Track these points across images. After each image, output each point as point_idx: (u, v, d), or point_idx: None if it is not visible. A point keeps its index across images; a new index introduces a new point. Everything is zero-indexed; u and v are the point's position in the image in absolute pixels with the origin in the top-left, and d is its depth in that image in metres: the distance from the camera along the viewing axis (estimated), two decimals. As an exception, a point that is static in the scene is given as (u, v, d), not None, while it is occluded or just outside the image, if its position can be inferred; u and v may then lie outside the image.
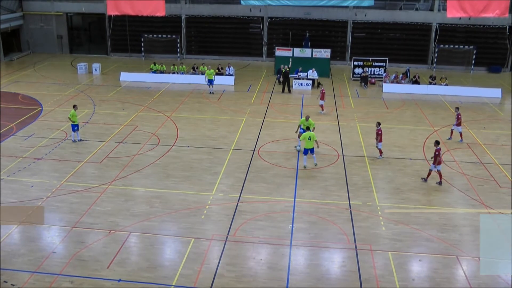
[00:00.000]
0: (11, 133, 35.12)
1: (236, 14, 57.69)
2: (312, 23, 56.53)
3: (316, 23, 56.53)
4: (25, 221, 23.62)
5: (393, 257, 20.47)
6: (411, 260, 20.56)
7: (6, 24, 59.80)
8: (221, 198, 25.48)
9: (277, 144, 32.55)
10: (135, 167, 29.39)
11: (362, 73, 48.56)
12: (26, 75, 52.70)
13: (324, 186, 26.71)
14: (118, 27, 61.44)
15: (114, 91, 46.20)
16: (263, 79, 50.20)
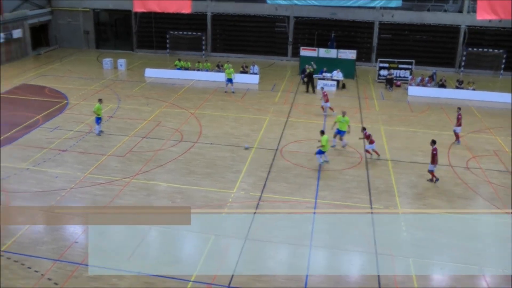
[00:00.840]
0: (37, 124, 35.57)
1: (261, 13, 57.58)
2: (338, 24, 56.19)
3: (342, 24, 56.17)
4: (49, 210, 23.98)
5: (414, 264, 20.28)
6: (433, 268, 20.31)
7: (35, 19, 60.66)
8: (242, 196, 25.53)
9: (300, 144, 32.51)
10: (158, 162, 29.59)
11: (387, 75, 48.22)
12: (53, 69, 53.21)
13: (345, 188, 26.63)
14: (144, 24, 61.68)
15: (138, 87, 46.46)
16: (287, 78, 50.08)
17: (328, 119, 37.23)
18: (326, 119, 37.98)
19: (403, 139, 33.75)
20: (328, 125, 34.86)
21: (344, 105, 40.79)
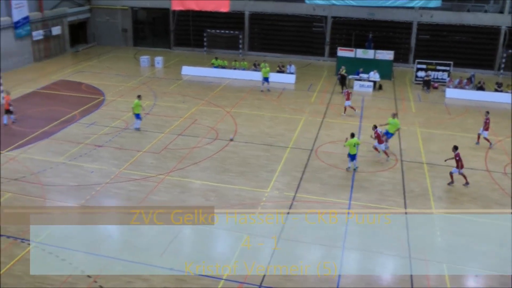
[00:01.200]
0: (74, 120, 36.10)
1: (299, 13, 57.42)
2: (376, 24, 55.72)
3: (380, 24, 55.66)
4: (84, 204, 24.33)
5: (448, 270, 20.01)
6: (467, 275, 20.03)
7: (74, 17, 61.75)
8: (276, 196, 25.54)
9: (335, 145, 32.36)
10: (193, 160, 29.78)
11: (425, 76, 47.70)
12: (91, 65, 53.92)
13: (380, 191, 26.44)
14: (182, 22, 62.08)
15: (175, 84, 46.78)
16: (324, 79, 49.89)
17: (351, 119, 37.17)
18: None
19: (440, 142, 33.33)
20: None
21: (380, 106, 40.59)
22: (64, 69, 51.76)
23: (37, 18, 54.54)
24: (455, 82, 46.44)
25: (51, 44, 57.71)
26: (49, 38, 56.83)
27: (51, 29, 56.69)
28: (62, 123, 35.58)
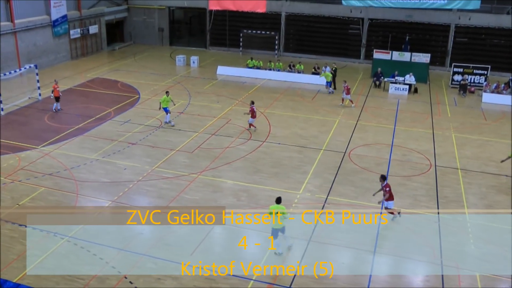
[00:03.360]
0: (109, 117, 36.46)
1: (336, 14, 57.18)
2: (413, 26, 55.15)
3: (417, 26, 55.10)
4: (116, 200, 24.57)
5: (481, 279, 19.60)
6: (500, 286, 19.62)
7: (112, 16, 62.69)
8: (308, 198, 25.44)
9: (369, 148, 32.12)
10: (225, 160, 29.83)
11: (461, 80, 47.03)
12: (126, 64, 54.46)
13: (413, 196, 26.13)
14: (218, 22, 62.37)
15: (210, 84, 46.95)
16: (359, 81, 49.58)
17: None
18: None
19: (475, 148, 32.83)
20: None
21: (415, 110, 40.17)
22: (100, 67, 52.38)
23: (75, 17, 55.54)
24: (492, 87, 45.68)
25: (88, 43, 58.63)
26: (86, 37, 57.76)
27: (89, 27, 57.67)
28: (97, 120, 35.98)
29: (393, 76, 46.75)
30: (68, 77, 48.13)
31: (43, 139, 32.13)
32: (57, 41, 53.29)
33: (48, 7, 51.01)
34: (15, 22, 47.09)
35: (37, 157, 29.78)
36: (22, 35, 48.23)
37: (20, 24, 47.79)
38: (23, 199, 24.84)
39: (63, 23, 53.17)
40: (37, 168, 28.39)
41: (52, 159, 29.62)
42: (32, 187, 26.15)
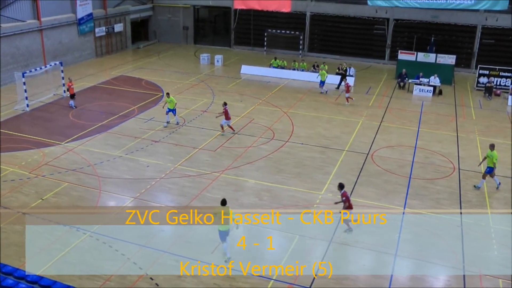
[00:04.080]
0: (133, 115, 36.69)
1: (361, 15, 56.86)
2: (439, 27, 54.57)
3: (442, 27, 54.50)
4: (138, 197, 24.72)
5: (504, 285, 19.35)
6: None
7: (137, 14, 63.21)
8: (330, 199, 25.30)
9: (392, 150, 31.92)
10: (248, 159, 29.86)
11: (487, 83, 46.49)
12: (151, 62, 54.80)
13: (435, 199, 25.87)
14: (243, 21, 62.42)
15: (233, 83, 47.01)
16: (383, 82, 49.28)
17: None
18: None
19: (499, 152, 31.91)
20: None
21: (439, 112, 39.83)
22: (125, 65, 52.73)
23: (101, 16, 56.07)
24: (519, 90, 45.10)
25: (113, 41, 59.13)
26: (111, 35, 58.26)
27: (114, 26, 58.18)
28: (120, 117, 36.22)
29: (417, 78, 46.35)
30: (93, 74, 48.53)
31: (67, 135, 32.44)
32: (82, 39, 53.78)
33: (74, 6, 51.61)
34: (42, 20, 47.65)
35: (61, 153, 30.09)
36: (48, 32, 48.74)
37: (47, 22, 48.34)
38: (47, 194, 25.14)
39: (88, 21, 53.64)
40: (61, 163, 28.68)
41: (75, 155, 29.89)
42: (56, 182, 26.44)
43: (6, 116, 36.40)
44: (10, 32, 44.11)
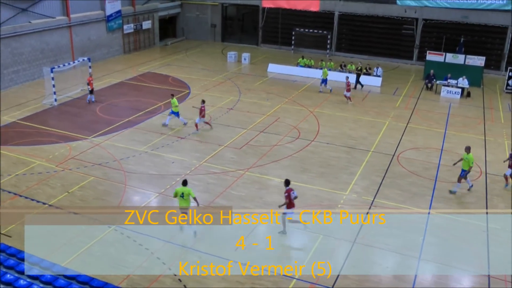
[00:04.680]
0: (159, 111, 36.89)
1: (390, 14, 56.46)
2: (469, 28, 53.82)
3: (472, 28, 53.73)
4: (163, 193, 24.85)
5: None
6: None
7: (165, 11, 63.60)
8: (354, 199, 25.26)
9: (418, 151, 31.65)
10: (273, 157, 29.86)
11: (516, 86, 45.98)
12: (178, 59, 55.08)
13: (461, 203, 25.59)
14: (271, 19, 62.38)
15: (260, 81, 47.01)
16: (410, 83, 48.88)
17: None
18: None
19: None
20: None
21: (467, 114, 39.37)
22: (152, 62, 53.06)
23: (129, 13, 56.49)
24: (549, 93, 44.36)
25: (141, 37, 59.60)
26: (139, 32, 58.71)
27: (142, 23, 58.61)
28: (147, 113, 36.47)
29: (445, 79, 45.87)
30: (120, 70, 48.90)
31: (94, 130, 32.74)
32: (111, 35, 54.25)
33: (103, 3, 52.15)
34: (71, 17, 48.15)
35: (87, 147, 30.39)
36: (77, 29, 49.26)
37: (76, 18, 48.87)
38: (72, 187, 25.45)
39: (117, 18, 54.08)
40: (87, 157, 28.97)
41: (102, 149, 30.17)
42: (82, 176, 26.74)
43: (35, 110, 36.92)
44: (40, 28, 44.70)
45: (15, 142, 31.04)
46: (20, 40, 42.92)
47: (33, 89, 41.82)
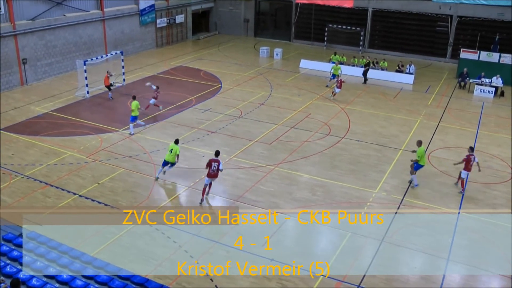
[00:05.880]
0: (190, 105, 37.08)
1: (424, 11, 55.82)
2: (504, 25, 52.73)
3: (508, 26, 52.55)
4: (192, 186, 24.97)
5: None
6: None
7: (198, 6, 63.92)
8: (384, 197, 25.12)
9: (449, 151, 31.32)
10: (303, 153, 29.83)
11: (552, 86, 45.07)
12: (210, 53, 55.27)
13: (492, 204, 25.20)
14: (304, 15, 62.22)
15: (292, 77, 46.94)
16: (443, 81, 48.35)
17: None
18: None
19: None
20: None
21: (499, 114, 38.80)
22: (184, 56, 53.31)
23: (162, 7, 56.90)
24: None
25: (174, 31, 59.95)
26: (172, 26, 59.09)
27: (175, 17, 58.97)
28: (178, 107, 36.67)
29: (479, 78, 45.23)
30: (153, 64, 49.24)
31: (125, 123, 32.96)
32: (144, 29, 54.64)
33: (137, -3, 52.58)
34: (105, 11, 48.57)
35: (118, 140, 30.70)
36: (110, 22, 49.70)
37: (109, 12, 49.33)
38: (103, 178, 25.76)
39: (150, 12, 54.45)
40: (118, 150, 29.26)
41: (132, 142, 30.45)
42: (112, 167, 27.03)
43: (68, 101, 37.44)
44: (74, 21, 45.20)
45: (47, 132, 31.50)
46: (54, 33, 43.43)
47: (66, 81, 42.35)
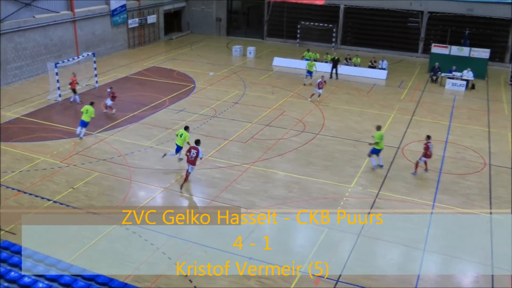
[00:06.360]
0: (164, 106, 36.92)
1: (395, 7, 56.29)
2: (474, 20, 53.62)
3: (477, 21, 53.52)
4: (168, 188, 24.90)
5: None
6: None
7: (170, 5, 63.67)
8: (359, 192, 25.31)
9: (422, 144, 31.52)
10: (278, 151, 29.88)
11: (521, 77, 45.76)
12: (183, 53, 55.13)
13: (466, 194, 25.56)
14: (276, 13, 62.33)
15: (265, 75, 46.99)
16: (416, 75, 48.78)
17: (440, 118, 36.07)
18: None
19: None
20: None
21: (472, 107, 39.33)
22: (157, 56, 53.09)
23: (134, 7, 56.54)
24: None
25: (146, 32, 59.63)
26: (144, 26, 58.81)
27: (147, 17, 58.69)
28: (152, 108, 36.52)
29: (450, 71, 45.79)
30: (125, 65, 48.96)
31: (98, 126, 32.76)
32: (115, 30, 54.26)
33: (108, -3, 52.21)
34: (75, 11, 48.07)
35: (92, 143, 30.47)
36: (81, 23, 49.19)
37: (80, 13, 48.78)
38: (77, 183, 25.49)
39: (121, 12, 54.11)
40: (92, 153, 29.04)
41: (106, 145, 30.24)
42: (87, 171, 26.79)
43: (39, 105, 36.97)
44: (44, 23, 44.61)
45: (19, 138, 31.08)
46: (24, 35, 42.85)
47: (37, 84, 41.93)
